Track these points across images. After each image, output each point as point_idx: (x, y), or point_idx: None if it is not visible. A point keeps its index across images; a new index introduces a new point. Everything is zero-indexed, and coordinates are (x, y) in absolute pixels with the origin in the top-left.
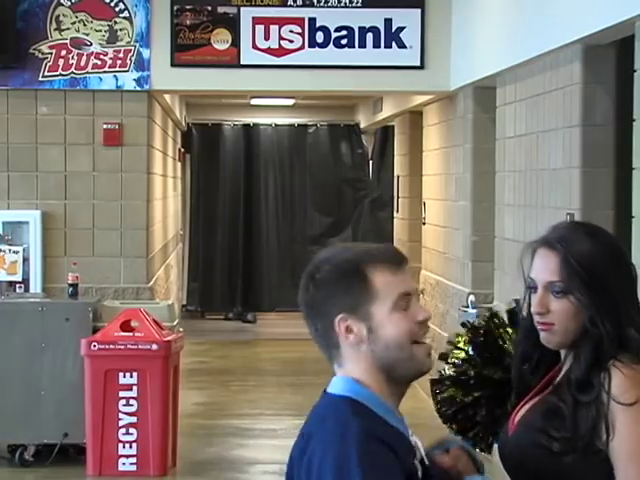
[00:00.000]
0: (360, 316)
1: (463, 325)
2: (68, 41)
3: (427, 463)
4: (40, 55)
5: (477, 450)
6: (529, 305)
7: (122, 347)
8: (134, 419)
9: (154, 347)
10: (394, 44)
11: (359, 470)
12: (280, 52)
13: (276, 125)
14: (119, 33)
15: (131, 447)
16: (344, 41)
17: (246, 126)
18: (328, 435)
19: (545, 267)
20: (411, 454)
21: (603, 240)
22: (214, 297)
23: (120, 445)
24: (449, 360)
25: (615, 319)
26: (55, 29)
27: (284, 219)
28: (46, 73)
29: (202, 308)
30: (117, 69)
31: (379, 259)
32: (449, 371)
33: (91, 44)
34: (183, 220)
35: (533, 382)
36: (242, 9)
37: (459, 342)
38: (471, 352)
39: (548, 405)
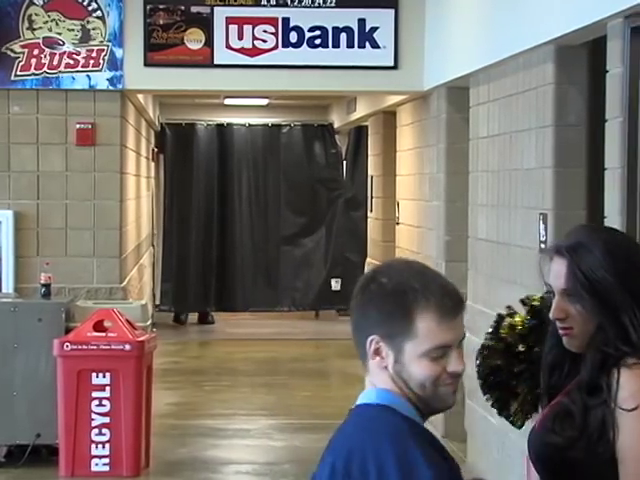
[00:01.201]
0: (392, 345)
1: (522, 303)
2: (40, 40)
3: None
4: (12, 54)
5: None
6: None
7: (95, 347)
8: (107, 419)
9: (127, 347)
10: (367, 44)
11: (428, 467)
12: (253, 52)
13: (250, 125)
14: (92, 32)
15: (104, 447)
16: (318, 41)
17: (220, 126)
18: (383, 441)
19: (558, 274)
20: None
21: (618, 250)
22: (188, 297)
23: (93, 446)
24: (502, 332)
25: (620, 325)
26: (27, 28)
27: (258, 219)
28: (18, 72)
29: (176, 308)
30: (90, 69)
31: (431, 302)
32: (498, 343)
33: (64, 43)
34: (157, 220)
35: (564, 386)
36: (215, 9)
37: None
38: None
39: (561, 406)
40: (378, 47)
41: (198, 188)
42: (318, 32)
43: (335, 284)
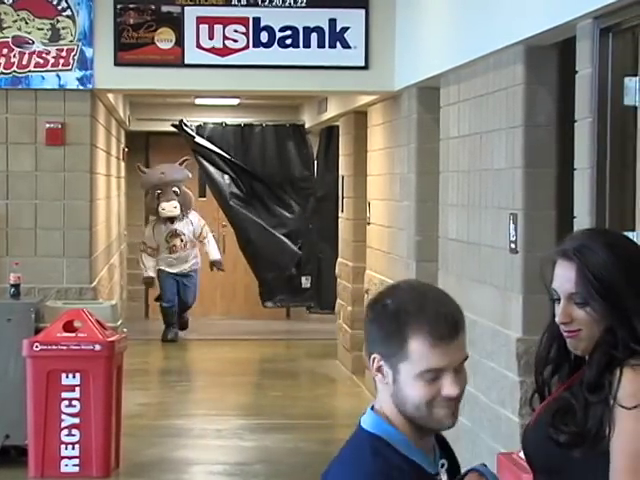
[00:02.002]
0: (390, 365)
1: None
2: (10, 39)
3: None
4: None
5: None
6: (553, 315)
7: (65, 348)
8: (77, 420)
9: (97, 347)
10: (338, 44)
11: None
12: (224, 52)
13: (226, 125)
14: (62, 32)
15: (74, 448)
16: (288, 41)
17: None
18: (344, 471)
19: (566, 278)
20: None
21: (620, 250)
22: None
23: (62, 446)
24: None
25: (631, 327)
26: None
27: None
28: None
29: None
30: (60, 68)
31: (425, 327)
32: None
33: (33, 42)
34: (127, 220)
35: (557, 386)
36: (186, 8)
37: None
38: None
39: (561, 401)
40: (349, 47)
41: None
42: (289, 32)
43: (305, 282)
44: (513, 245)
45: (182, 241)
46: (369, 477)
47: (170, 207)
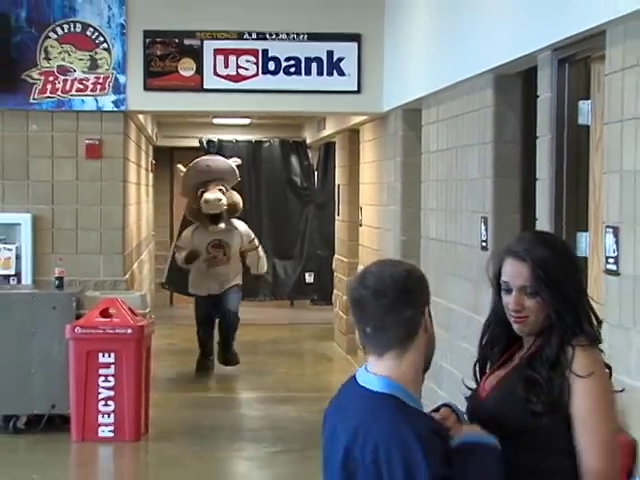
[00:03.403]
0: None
1: None
2: (55, 68)
3: None
4: (31, 80)
5: None
6: (498, 301)
7: (101, 331)
8: (112, 393)
9: (129, 331)
10: (335, 72)
11: (425, 462)
12: (238, 78)
13: (237, 141)
14: (99, 62)
15: (109, 417)
16: (292, 69)
17: (210, 143)
18: (388, 433)
19: (518, 274)
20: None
21: (559, 250)
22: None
23: (100, 415)
24: None
25: (574, 312)
26: (44, 58)
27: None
28: (36, 96)
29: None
30: (97, 93)
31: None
32: None
33: (75, 71)
34: (155, 222)
35: (494, 359)
36: (205, 42)
37: None
38: None
39: (526, 376)
40: (344, 75)
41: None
42: (293, 62)
43: (308, 277)
44: (484, 244)
45: (225, 254)
46: (413, 434)
47: (214, 199)
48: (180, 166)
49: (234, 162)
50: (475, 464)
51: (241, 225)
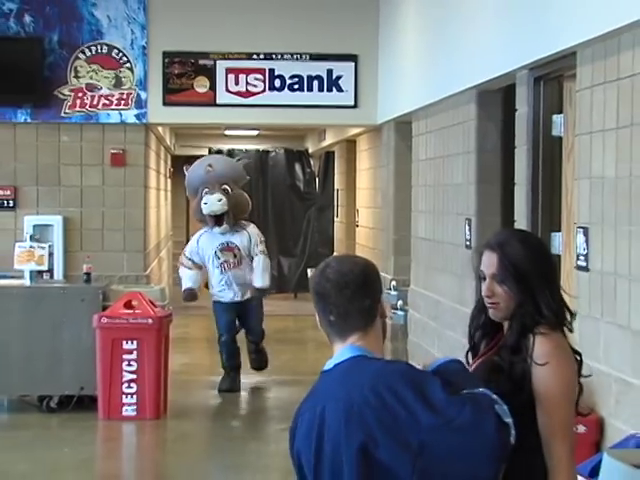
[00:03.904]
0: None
1: None
2: (84, 86)
3: None
4: (62, 96)
5: None
6: (481, 290)
7: (125, 321)
8: (134, 376)
9: (149, 321)
10: (334, 88)
11: (433, 379)
12: (247, 94)
13: (246, 151)
14: (123, 80)
15: (132, 397)
16: (296, 86)
17: (221, 152)
18: (378, 374)
19: (490, 264)
20: None
21: (530, 246)
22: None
23: (123, 396)
24: None
25: (534, 301)
26: (74, 76)
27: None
28: (67, 110)
29: None
30: (121, 107)
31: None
32: None
33: (101, 88)
34: (173, 223)
35: (483, 345)
36: (218, 62)
37: None
38: None
39: (492, 363)
40: (342, 91)
41: None
42: (296, 79)
43: (310, 273)
44: (468, 243)
45: (236, 256)
46: (405, 366)
47: (214, 201)
48: (187, 166)
49: (242, 162)
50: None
51: (251, 227)
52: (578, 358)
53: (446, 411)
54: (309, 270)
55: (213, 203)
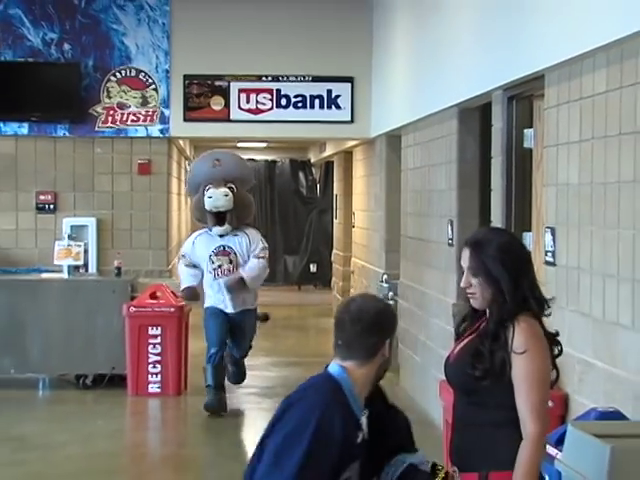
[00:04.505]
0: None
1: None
2: (115, 104)
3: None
4: (96, 114)
5: None
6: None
7: (150, 310)
8: (159, 358)
9: (172, 310)
10: (333, 106)
11: (308, 440)
12: (257, 111)
13: (256, 160)
14: (149, 99)
15: (157, 376)
16: (300, 104)
17: None
18: (307, 399)
19: (465, 258)
20: (356, 429)
21: (502, 244)
22: None
23: (149, 375)
24: None
25: (507, 292)
26: (106, 96)
27: (263, 223)
28: (100, 126)
29: None
30: (147, 123)
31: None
32: None
33: (130, 106)
34: (191, 225)
35: (466, 329)
36: (231, 83)
37: None
38: None
39: (475, 347)
40: (340, 108)
41: None
42: (300, 98)
43: (312, 268)
44: (450, 241)
45: (231, 262)
46: (319, 402)
47: (219, 195)
48: (188, 163)
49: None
50: None
51: (252, 232)
52: (557, 350)
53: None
54: (311, 265)
55: (218, 197)
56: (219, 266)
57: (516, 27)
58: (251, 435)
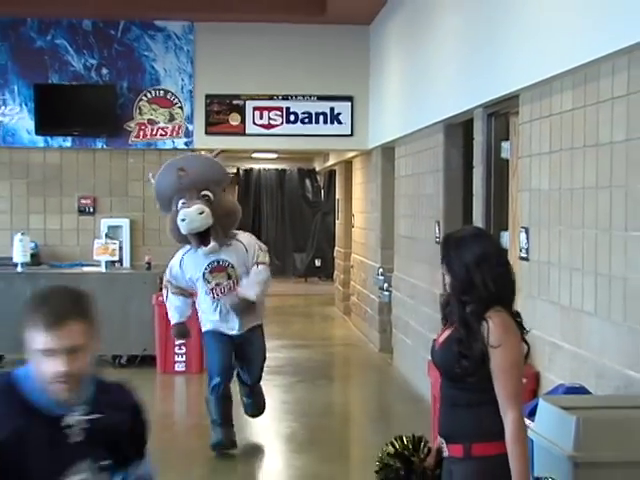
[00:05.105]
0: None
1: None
2: (146, 120)
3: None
4: (129, 129)
5: None
6: None
7: None
8: (183, 340)
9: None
10: (335, 122)
11: None
12: (269, 126)
13: (268, 169)
14: (175, 116)
15: (182, 357)
16: (306, 120)
17: (249, 171)
18: None
19: (441, 257)
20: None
21: (474, 246)
22: None
23: (175, 355)
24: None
25: (475, 288)
26: (138, 113)
27: (274, 224)
28: (132, 139)
29: None
30: (174, 136)
31: (36, 318)
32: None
33: (159, 122)
34: None
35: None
36: (247, 102)
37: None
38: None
39: (458, 336)
40: (341, 123)
41: (242, 206)
42: (306, 115)
43: (317, 262)
44: (437, 239)
45: (230, 277)
46: None
47: (193, 215)
48: (150, 176)
49: (219, 152)
50: None
51: (246, 237)
52: (524, 331)
53: None
54: (316, 260)
55: (193, 219)
56: (217, 284)
57: (494, 54)
58: (268, 406)
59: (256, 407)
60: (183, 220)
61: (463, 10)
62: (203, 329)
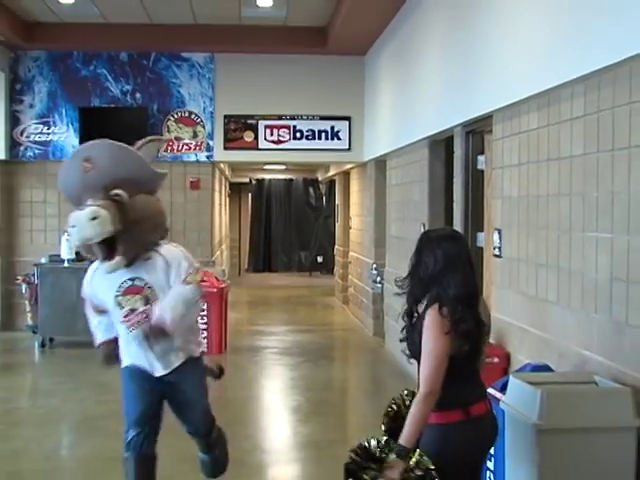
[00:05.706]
0: None
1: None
2: (173, 137)
3: None
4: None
5: None
6: None
7: None
8: (206, 326)
9: (215, 290)
10: (335, 138)
11: None
12: (278, 142)
13: (277, 180)
14: (198, 133)
15: (204, 340)
16: (310, 137)
17: (261, 180)
18: None
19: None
20: None
21: (439, 249)
22: (254, 263)
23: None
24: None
25: (422, 287)
26: (166, 131)
27: (282, 226)
28: (162, 153)
29: (255, 268)
30: (197, 151)
31: None
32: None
33: (184, 139)
34: (229, 227)
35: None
36: (259, 121)
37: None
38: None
39: (412, 325)
40: (340, 139)
41: (254, 212)
42: (310, 132)
43: (319, 259)
44: None
45: (148, 301)
46: None
47: (83, 221)
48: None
49: (154, 144)
50: None
51: (171, 250)
52: (460, 328)
53: None
54: (318, 257)
55: (83, 226)
56: (131, 310)
57: (471, 81)
58: (277, 382)
59: (213, 465)
60: (73, 227)
61: (445, 43)
62: (122, 364)
